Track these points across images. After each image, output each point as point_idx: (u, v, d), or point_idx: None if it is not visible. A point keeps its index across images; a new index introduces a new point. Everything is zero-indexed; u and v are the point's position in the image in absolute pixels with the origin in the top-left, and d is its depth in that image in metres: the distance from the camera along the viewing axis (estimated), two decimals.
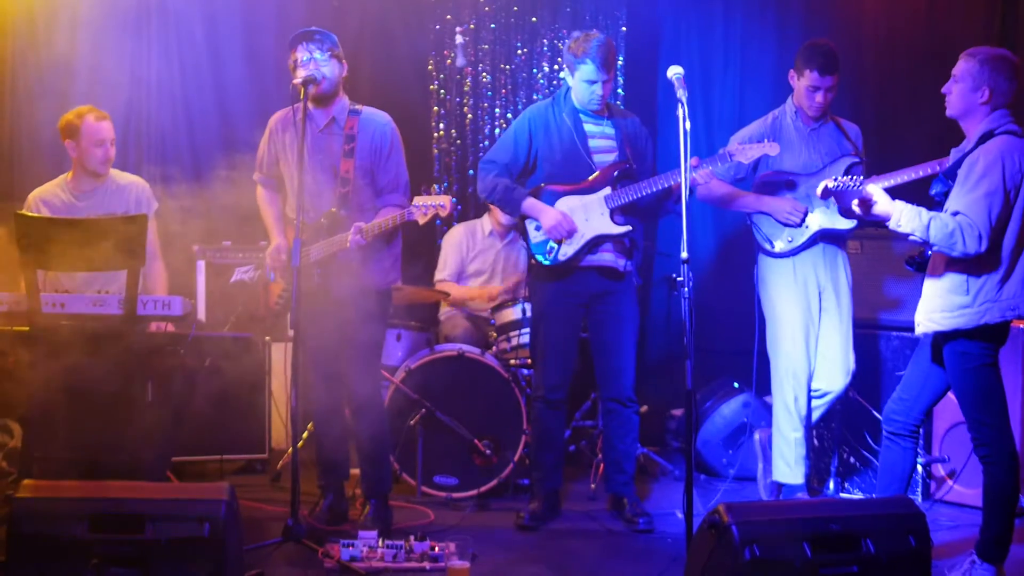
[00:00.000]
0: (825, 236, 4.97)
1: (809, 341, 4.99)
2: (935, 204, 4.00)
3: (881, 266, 5.48)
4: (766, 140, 4.69)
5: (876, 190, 3.85)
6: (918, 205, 3.91)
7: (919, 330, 4.06)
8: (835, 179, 3.89)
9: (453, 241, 6.23)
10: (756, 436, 5.36)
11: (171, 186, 5.52)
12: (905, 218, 3.84)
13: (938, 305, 3.96)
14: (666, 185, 4.65)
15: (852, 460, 5.37)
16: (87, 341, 4.23)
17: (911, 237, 3.87)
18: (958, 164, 3.94)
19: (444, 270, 6.18)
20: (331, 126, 4.57)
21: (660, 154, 5.47)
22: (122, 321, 4.31)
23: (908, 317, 4.29)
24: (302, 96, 4.32)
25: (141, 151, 6.35)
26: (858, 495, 5.29)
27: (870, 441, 5.29)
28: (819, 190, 3.94)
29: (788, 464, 5.01)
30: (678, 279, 3.83)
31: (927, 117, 4.73)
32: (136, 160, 6.27)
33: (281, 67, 4.63)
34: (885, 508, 3.39)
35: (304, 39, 4.45)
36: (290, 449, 4.55)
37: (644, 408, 5.05)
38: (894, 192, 4.06)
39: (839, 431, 5.35)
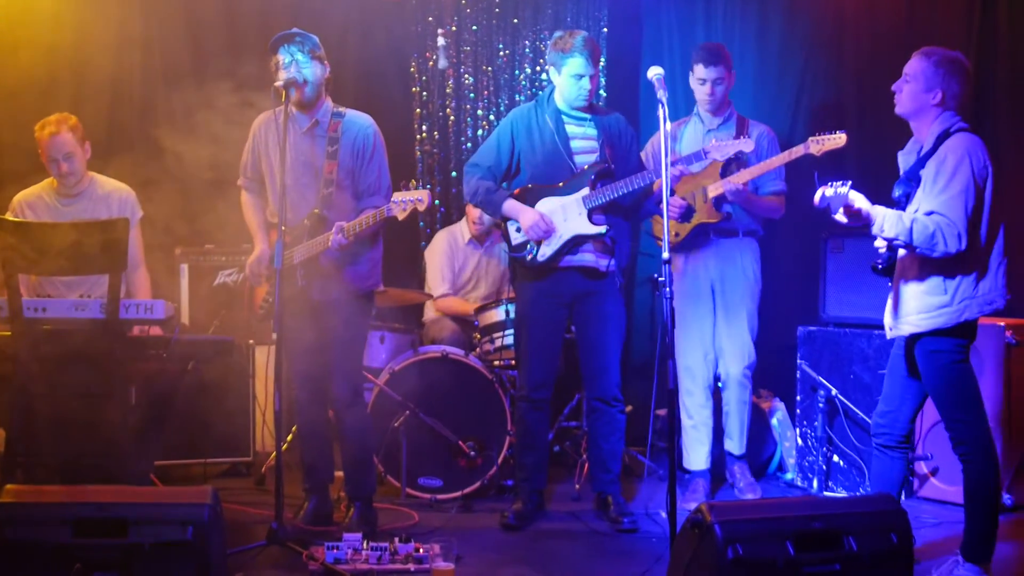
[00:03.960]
0: (719, 231, 5.22)
1: (700, 333, 5.27)
2: (897, 207, 3.96)
3: (861, 265, 5.48)
4: (742, 137, 4.79)
5: (858, 197, 3.82)
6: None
7: (893, 333, 4.06)
8: (831, 185, 3.86)
9: (439, 250, 6.23)
10: None
11: (153, 189, 5.48)
12: (888, 223, 3.81)
13: (915, 307, 3.93)
14: (641, 184, 4.67)
15: (836, 458, 5.39)
16: (69, 345, 4.21)
17: (895, 241, 3.84)
18: (920, 165, 3.91)
19: (443, 284, 6.15)
20: (314, 128, 4.55)
21: None
22: (104, 325, 4.30)
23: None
24: (283, 99, 4.31)
25: (124, 153, 6.31)
26: (842, 493, 5.31)
27: (854, 440, 5.31)
28: (816, 198, 3.91)
29: (686, 450, 5.35)
30: (660, 279, 3.85)
31: None
32: (118, 163, 6.24)
33: (263, 69, 4.61)
34: (867, 506, 3.39)
35: (285, 41, 4.43)
36: (274, 452, 4.54)
37: (629, 408, 5.07)
38: None
39: (823, 430, 5.37)
